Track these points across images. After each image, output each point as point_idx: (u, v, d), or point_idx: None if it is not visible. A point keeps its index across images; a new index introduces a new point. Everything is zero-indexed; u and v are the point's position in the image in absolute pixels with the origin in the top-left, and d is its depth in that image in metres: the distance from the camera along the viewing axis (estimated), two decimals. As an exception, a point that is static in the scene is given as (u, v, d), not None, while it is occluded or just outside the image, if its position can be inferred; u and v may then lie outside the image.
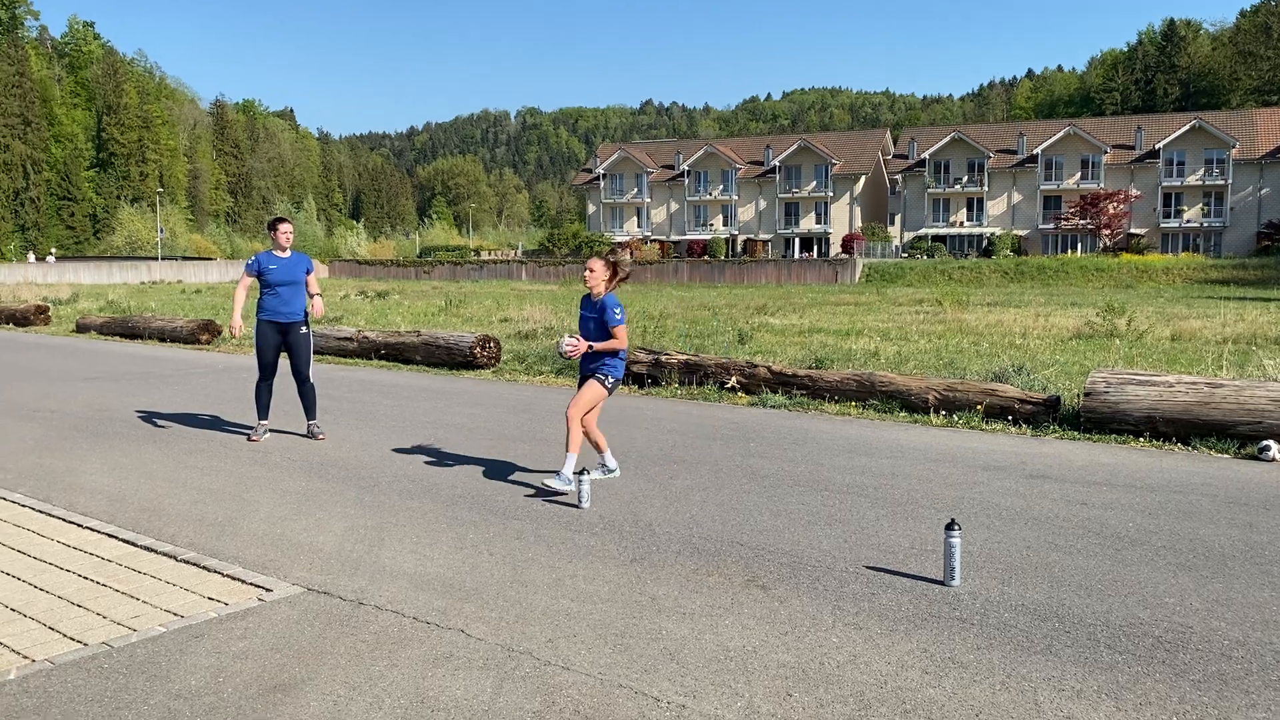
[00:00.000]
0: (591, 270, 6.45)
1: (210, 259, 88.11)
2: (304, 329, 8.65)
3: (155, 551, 5.20)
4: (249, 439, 8.52)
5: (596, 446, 6.79)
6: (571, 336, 6.42)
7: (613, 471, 6.90)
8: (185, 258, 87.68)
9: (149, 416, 9.87)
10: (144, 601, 4.44)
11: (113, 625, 4.15)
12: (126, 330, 20.78)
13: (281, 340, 8.59)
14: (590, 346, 6.40)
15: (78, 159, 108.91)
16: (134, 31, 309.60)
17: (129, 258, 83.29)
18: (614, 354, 6.50)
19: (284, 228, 8.60)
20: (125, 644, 3.94)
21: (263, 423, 8.65)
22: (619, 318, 6.40)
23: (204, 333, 18.85)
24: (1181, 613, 4.24)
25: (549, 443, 8.30)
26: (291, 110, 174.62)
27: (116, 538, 5.46)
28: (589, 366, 6.56)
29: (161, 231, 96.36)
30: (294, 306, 8.57)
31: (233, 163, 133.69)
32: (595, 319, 6.46)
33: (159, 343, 19.36)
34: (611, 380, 6.51)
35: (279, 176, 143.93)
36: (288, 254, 8.59)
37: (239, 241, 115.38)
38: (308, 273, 8.71)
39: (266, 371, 8.60)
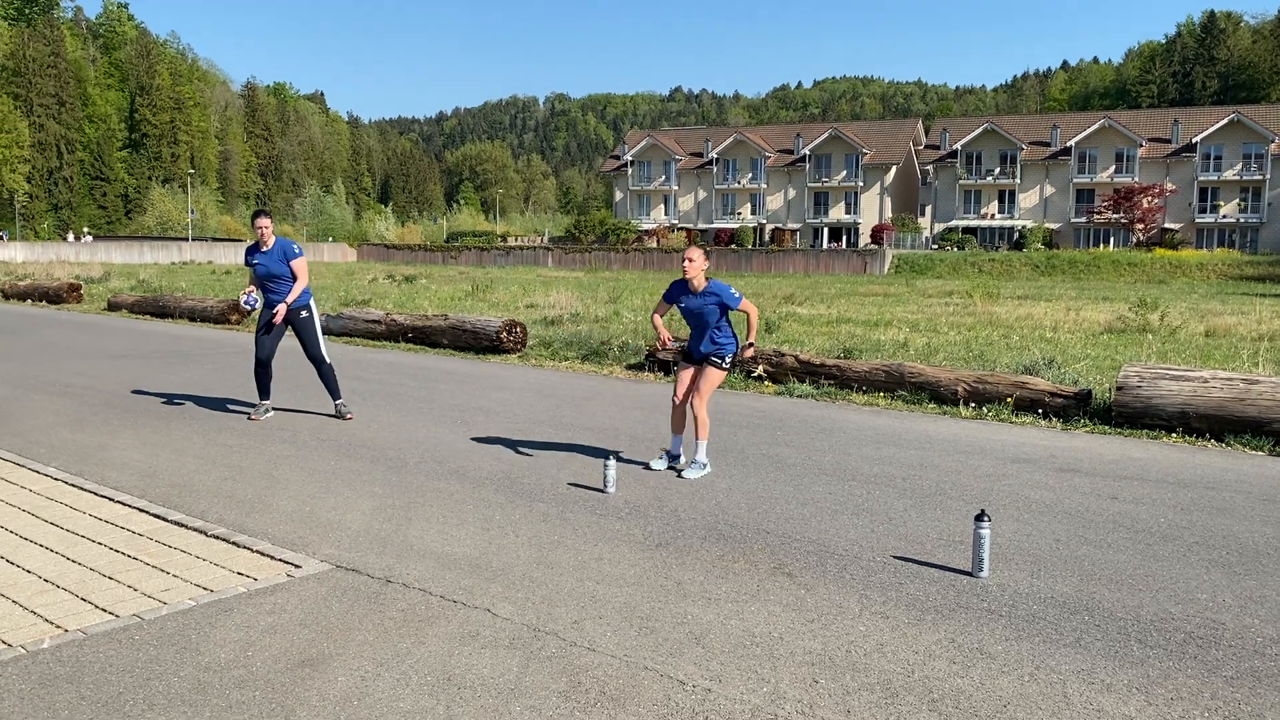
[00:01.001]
0: (691, 260, 6.48)
1: (240, 240, 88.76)
2: (304, 312, 8.67)
3: (185, 527, 5.25)
4: (249, 418, 8.57)
5: (677, 429, 6.79)
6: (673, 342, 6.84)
7: (675, 461, 6.81)
8: (215, 239, 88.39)
9: (179, 394, 9.96)
10: (174, 575, 4.48)
11: (143, 598, 4.19)
12: (157, 309, 20.97)
13: (280, 328, 8.62)
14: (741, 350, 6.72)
15: (110, 139, 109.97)
16: (167, 13, 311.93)
17: (160, 238, 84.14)
18: (731, 333, 6.63)
19: (260, 222, 8.43)
20: (156, 616, 3.99)
21: (264, 402, 8.73)
22: (739, 293, 6.50)
23: (233, 313, 19.00)
24: (1214, 609, 4.19)
25: (574, 428, 8.31)
26: (322, 94, 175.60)
27: (147, 512, 5.52)
28: (700, 350, 6.61)
29: (192, 212, 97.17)
30: (280, 297, 8.54)
31: (263, 145, 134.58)
32: (712, 304, 6.47)
33: (189, 322, 19.54)
34: (729, 360, 6.61)
35: (309, 159, 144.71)
36: (269, 246, 8.49)
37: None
38: (291, 260, 8.51)
39: (261, 355, 8.67)
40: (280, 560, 4.70)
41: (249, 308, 8.55)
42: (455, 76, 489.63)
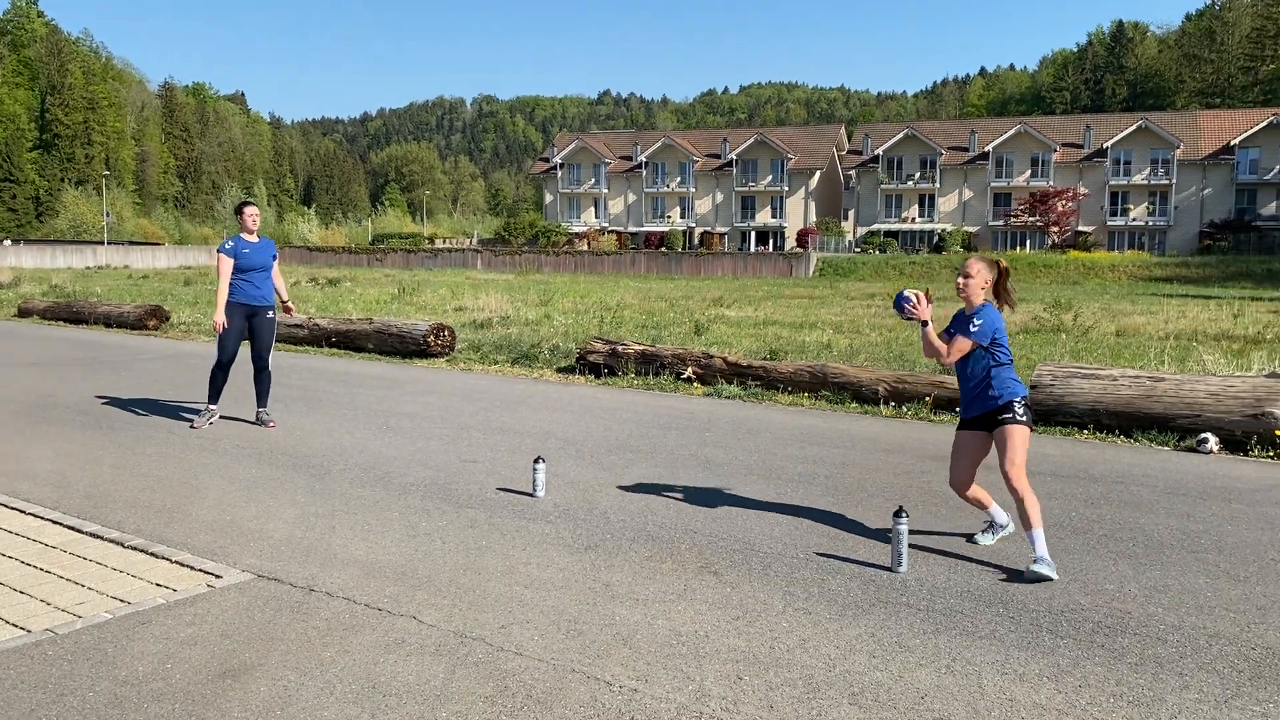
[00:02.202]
0: (969, 276, 4.95)
1: (158, 244, 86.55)
2: (270, 313, 8.57)
3: (101, 538, 5.13)
4: (192, 425, 8.40)
5: (980, 504, 5.20)
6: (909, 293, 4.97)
7: (1005, 528, 5.25)
8: (132, 242, 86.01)
9: (95, 402, 9.69)
10: (89, 588, 4.38)
11: (57, 612, 4.09)
12: (71, 315, 20.36)
13: (245, 325, 8.50)
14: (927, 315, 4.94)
15: (20, 140, 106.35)
16: (79, 11, 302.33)
17: (74, 241, 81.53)
18: (999, 373, 4.93)
19: (250, 211, 8.54)
20: (70, 630, 3.89)
21: (212, 408, 8.53)
22: (974, 329, 4.88)
23: (152, 318, 18.53)
24: (1120, 599, 4.35)
25: (504, 431, 8.29)
26: (243, 94, 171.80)
27: (61, 524, 5.37)
28: (990, 402, 4.94)
29: (108, 215, 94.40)
30: (264, 290, 8.52)
31: (182, 146, 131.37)
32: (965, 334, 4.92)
33: (105, 328, 19.00)
34: (1024, 410, 4.88)
35: (229, 161, 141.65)
36: (256, 238, 8.54)
37: (187, 226, 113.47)
38: (273, 258, 8.68)
39: (225, 357, 8.47)
40: (200, 571, 4.62)
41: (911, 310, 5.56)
42: (380, 77, 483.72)
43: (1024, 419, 4.85)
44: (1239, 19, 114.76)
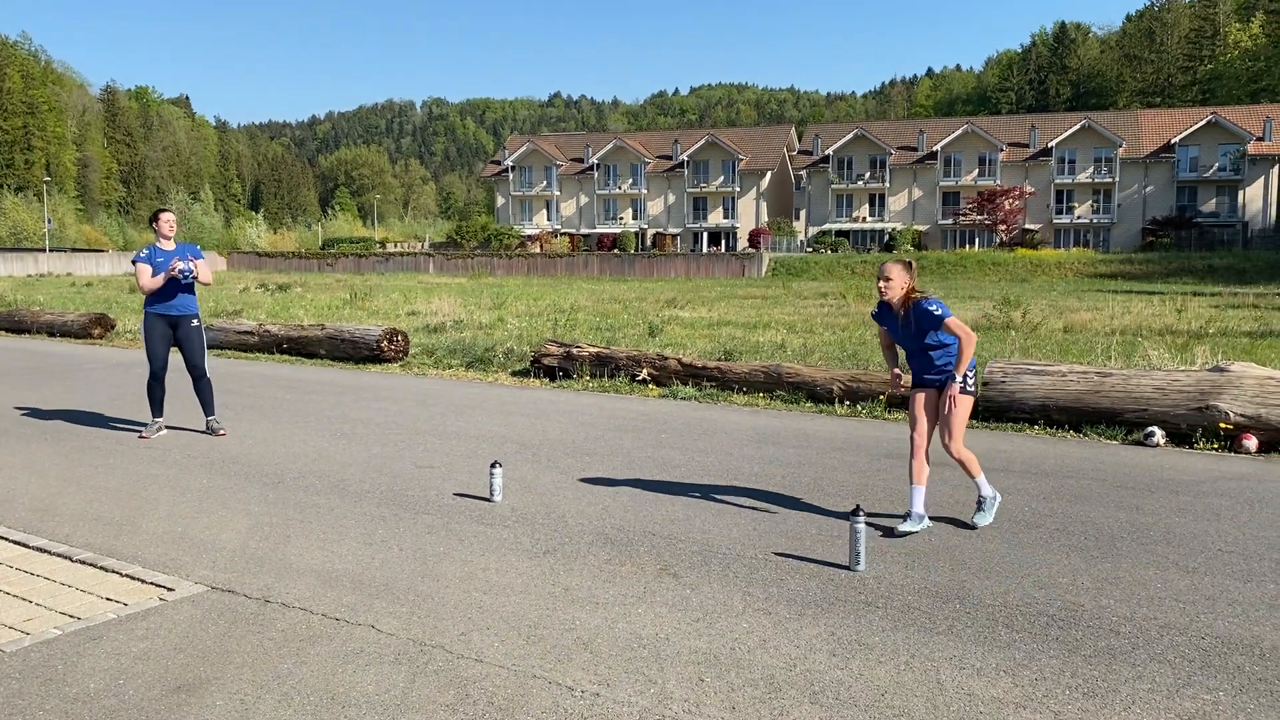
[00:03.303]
0: (889, 279, 5.42)
1: (102, 251, 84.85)
2: (194, 321, 8.40)
3: (48, 553, 5.01)
4: (140, 436, 8.25)
5: (967, 470, 5.53)
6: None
7: (988, 503, 5.57)
8: (75, 249, 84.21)
9: (38, 413, 9.48)
10: (37, 604, 4.28)
11: (4, 629, 3.99)
12: (12, 324, 19.90)
13: (171, 333, 8.34)
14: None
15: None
16: (16, 13, 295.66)
17: (14, 249, 79.64)
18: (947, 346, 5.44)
19: (165, 217, 8.34)
20: (18, 648, 3.80)
21: (157, 420, 8.39)
22: (940, 311, 5.32)
23: (96, 327, 18.17)
24: (1074, 592, 4.42)
25: (459, 436, 8.24)
26: (187, 98, 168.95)
27: (7, 539, 5.24)
28: (933, 376, 5.45)
29: (49, 222, 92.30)
30: (184, 300, 8.33)
31: (125, 151, 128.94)
32: (917, 327, 5.40)
33: (48, 337, 18.60)
34: (972, 381, 5.40)
35: (174, 166, 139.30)
36: (173, 245, 8.32)
37: (132, 233, 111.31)
38: (196, 260, 8.40)
39: (158, 366, 8.33)
40: (152, 584, 4.54)
41: (185, 277, 8.21)
42: (328, 79, 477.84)
43: (970, 389, 5.40)
44: (1178, 20, 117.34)
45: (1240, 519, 5.64)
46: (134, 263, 8.35)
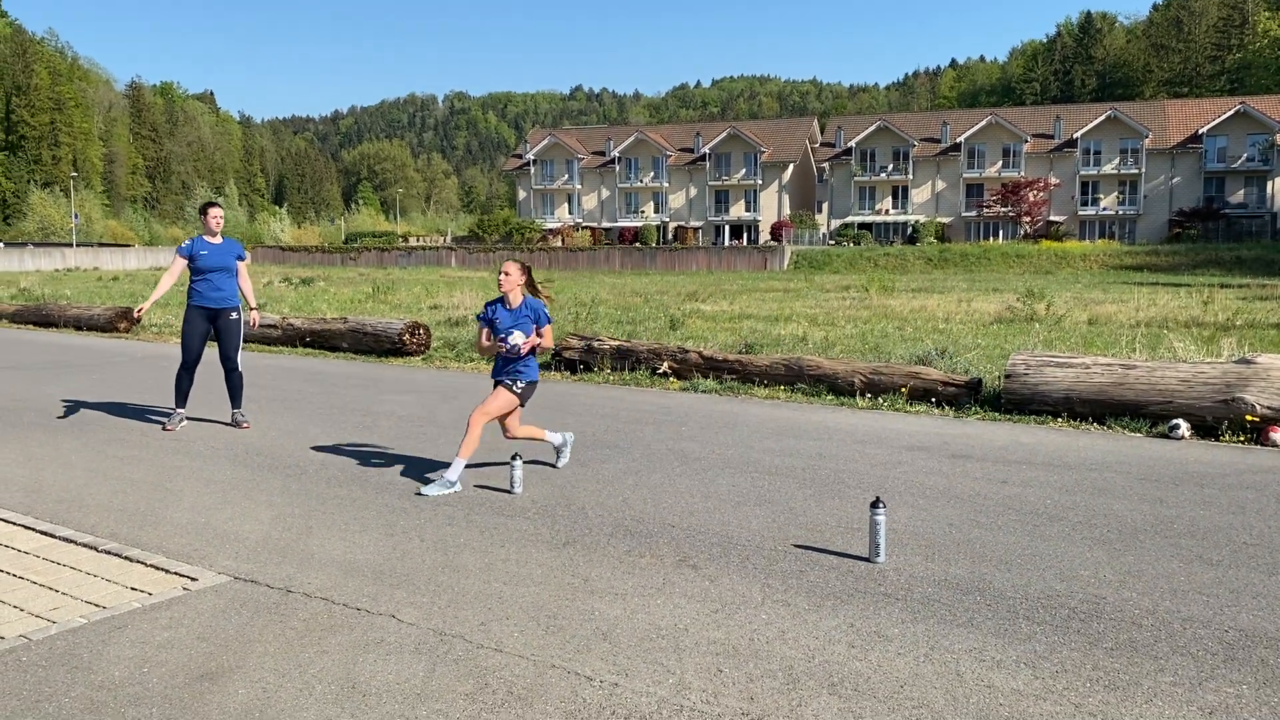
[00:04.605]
0: (507, 274, 6.26)
1: (128, 245, 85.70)
2: (234, 314, 8.51)
3: (75, 543, 5.08)
4: (164, 428, 8.34)
5: (535, 439, 6.61)
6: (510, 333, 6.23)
7: (563, 448, 6.76)
8: (101, 244, 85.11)
9: (66, 406, 9.59)
10: (63, 593, 4.33)
11: (31, 618, 4.04)
12: (40, 318, 20.13)
13: (209, 327, 8.46)
14: (532, 345, 6.27)
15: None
16: (44, 11, 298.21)
17: (41, 244, 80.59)
18: (530, 356, 6.36)
19: (214, 212, 8.52)
20: (44, 636, 3.85)
21: (179, 411, 8.47)
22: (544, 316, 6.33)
23: (122, 320, 18.35)
24: (1095, 584, 4.39)
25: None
26: (212, 93, 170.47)
27: (34, 529, 5.31)
28: (507, 371, 6.33)
29: (76, 217, 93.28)
30: (226, 292, 8.47)
31: (150, 147, 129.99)
32: (526, 323, 6.27)
33: (75, 331, 18.80)
34: (523, 384, 6.32)
35: (199, 161, 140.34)
36: (219, 239, 8.49)
37: (157, 227, 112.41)
38: (239, 259, 8.61)
39: (190, 358, 8.42)
40: (176, 574, 4.58)
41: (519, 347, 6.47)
42: (350, 74, 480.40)
43: (517, 391, 6.29)
44: (1205, 8, 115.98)
45: (1266, 512, 5.58)
46: (175, 251, 8.51)
